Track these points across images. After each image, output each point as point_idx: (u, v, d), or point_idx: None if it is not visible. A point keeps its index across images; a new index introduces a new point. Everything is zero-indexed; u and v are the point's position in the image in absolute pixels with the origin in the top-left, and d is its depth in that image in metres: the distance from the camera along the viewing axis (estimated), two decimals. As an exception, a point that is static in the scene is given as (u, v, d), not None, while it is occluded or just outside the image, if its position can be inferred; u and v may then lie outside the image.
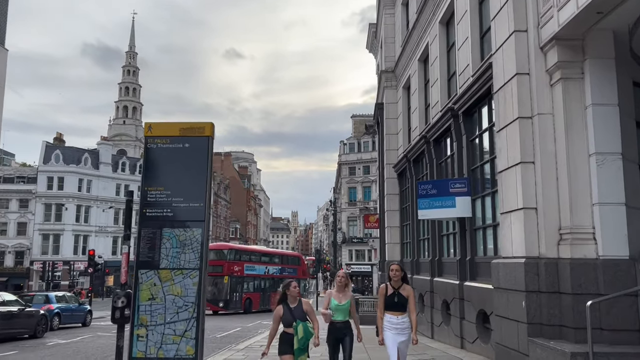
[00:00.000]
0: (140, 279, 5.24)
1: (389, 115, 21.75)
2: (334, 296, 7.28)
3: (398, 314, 6.86)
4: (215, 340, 16.87)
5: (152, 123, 5.58)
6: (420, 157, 17.08)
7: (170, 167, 5.44)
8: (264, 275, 36.25)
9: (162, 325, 5.14)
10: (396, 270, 6.94)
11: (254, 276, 35.13)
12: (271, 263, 38.31)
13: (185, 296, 5.19)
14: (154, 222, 5.33)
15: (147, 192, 5.38)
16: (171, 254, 5.24)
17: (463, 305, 12.04)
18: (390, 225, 20.97)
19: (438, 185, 12.34)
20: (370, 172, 65.93)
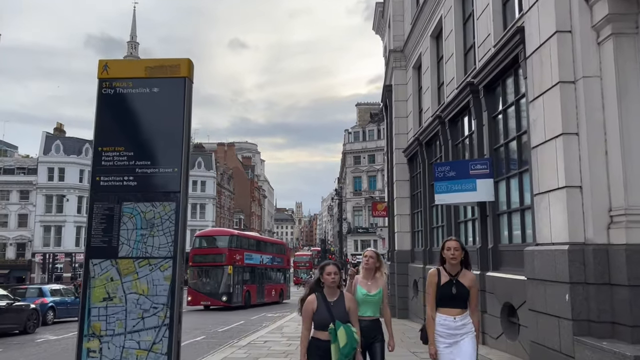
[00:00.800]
0: (92, 272, 3.85)
1: (398, 97, 20.62)
2: (361, 283, 5.48)
3: (456, 313, 4.76)
4: (216, 335, 15.93)
5: (108, 61, 4.19)
6: (434, 139, 15.98)
7: (134, 120, 4.08)
8: (259, 265, 32.80)
9: (121, 335, 3.72)
10: (455, 249, 4.81)
11: (252, 266, 31.68)
12: (265, 252, 34.79)
13: (153, 295, 3.77)
14: (110, 194, 3.95)
15: (102, 153, 4.02)
16: (134, 237, 3.87)
17: (485, 298, 11.01)
18: (400, 213, 19.93)
19: (457, 166, 11.26)
20: (376, 161, 64.86)
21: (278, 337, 13.70)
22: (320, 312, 4.65)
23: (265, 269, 33.90)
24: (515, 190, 10.04)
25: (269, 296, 33.42)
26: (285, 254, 39.66)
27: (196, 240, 30.98)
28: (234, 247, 29.51)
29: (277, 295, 35.06)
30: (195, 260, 29.19)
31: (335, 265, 4.66)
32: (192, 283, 28.55)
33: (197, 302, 28.18)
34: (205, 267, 28.89)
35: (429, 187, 16.60)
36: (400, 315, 19.47)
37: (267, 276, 34.09)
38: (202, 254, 29.45)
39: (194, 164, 71.18)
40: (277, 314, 24.88)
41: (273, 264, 35.30)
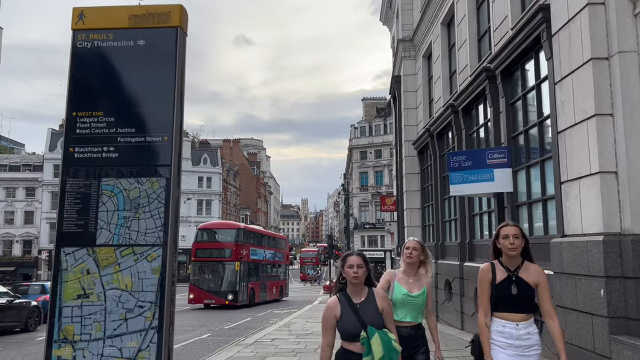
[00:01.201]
0: (64, 264, 3.19)
1: (407, 87, 20.05)
2: (401, 280, 4.45)
3: (519, 319, 3.71)
4: (222, 332, 15.49)
5: (85, 8, 3.48)
6: (446, 129, 15.42)
7: (115, 79, 3.36)
8: (262, 261, 30.84)
9: (99, 340, 3.02)
10: (514, 236, 3.75)
11: (257, 262, 29.73)
12: (268, 246, 32.81)
13: (139, 291, 3.09)
14: (87, 168, 3.25)
15: (77, 119, 3.32)
16: (116, 221, 3.18)
17: (502, 294, 10.51)
18: (410, 207, 19.40)
19: (473, 156, 10.69)
20: (382, 156, 64.26)
21: (286, 334, 13.23)
22: (345, 319, 3.58)
23: (268, 265, 32.15)
24: (536, 179, 9.50)
25: (270, 293, 31.76)
26: (285, 248, 37.82)
27: (199, 233, 29.02)
28: (240, 242, 27.54)
29: (277, 292, 33.53)
30: (198, 255, 27.41)
31: (359, 256, 3.61)
32: (195, 280, 26.92)
33: (200, 300, 26.38)
34: (209, 262, 27.03)
35: (441, 179, 16.07)
36: (410, 311, 18.97)
37: (269, 272, 32.30)
38: (206, 249, 27.58)
39: (200, 160, 70.83)
40: (284, 310, 24.45)
41: (275, 259, 33.61)
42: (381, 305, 3.63)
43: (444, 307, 15.26)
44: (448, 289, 14.89)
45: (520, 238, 3.80)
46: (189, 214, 62.92)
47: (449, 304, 14.57)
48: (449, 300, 14.61)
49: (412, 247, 4.56)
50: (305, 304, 28.33)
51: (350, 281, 3.60)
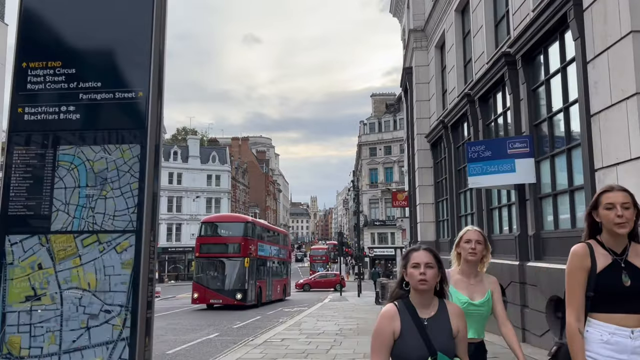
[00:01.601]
0: (9, 256, 2.45)
1: (419, 79, 19.47)
2: (458, 283, 3.41)
3: (635, 323, 2.55)
4: (231, 331, 15.03)
5: None
6: (461, 120, 14.84)
7: (76, 20, 2.63)
8: (268, 257, 28.32)
9: (53, 356, 2.32)
10: (623, 206, 2.59)
11: (264, 258, 27.25)
12: (274, 242, 30.40)
13: (105, 292, 2.39)
14: (40, 133, 2.56)
15: (28, 71, 2.60)
16: (76, 200, 2.49)
17: (525, 291, 9.95)
18: (423, 202, 18.84)
19: (493, 145, 10.15)
20: (392, 153, 63.58)
21: (296, 334, 12.74)
22: (407, 339, 2.50)
23: (274, 262, 29.95)
24: (562, 169, 8.92)
25: (275, 292, 29.41)
26: (287, 245, 35.50)
27: (204, 227, 26.67)
28: (249, 236, 25.16)
29: (281, 291, 31.27)
30: (203, 251, 25.11)
31: (429, 252, 2.62)
32: (199, 277, 24.71)
33: (206, 299, 24.13)
34: (215, 258, 24.81)
35: (456, 172, 15.51)
36: (424, 309, 18.42)
37: (274, 270, 29.87)
38: (212, 244, 25.39)
39: (208, 158, 70.54)
40: (295, 308, 23.99)
41: (279, 255, 31.35)
42: (456, 325, 2.57)
43: (460, 305, 14.70)
44: (464, 286, 14.33)
45: (632, 208, 2.60)
46: (198, 212, 62.59)
47: (466, 301, 14.01)
48: (466, 298, 14.05)
49: (475, 240, 3.37)
50: (316, 302, 27.84)
51: (416, 287, 2.55)
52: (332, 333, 12.84)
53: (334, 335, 12.48)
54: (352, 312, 19.58)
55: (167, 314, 21.75)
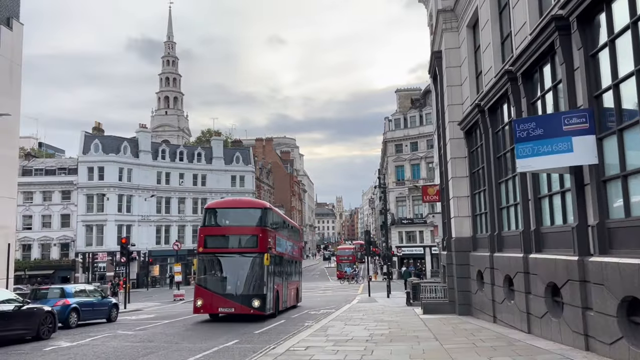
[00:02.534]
0: None
1: (450, 63, 18.05)
2: None
3: None
4: (252, 338, 13.90)
5: None
6: (500, 102, 13.40)
7: None
8: (284, 254, 23.30)
9: None
10: None
11: (281, 255, 22.38)
12: (289, 237, 25.19)
13: None
14: None
15: None
16: None
17: (585, 290, 8.53)
18: (457, 196, 17.42)
19: (545, 122, 8.74)
20: (419, 149, 61.91)
21: (322, 340, 11.52)
22: None
23: (290, 261, 24.88)
24: (634, 147, 7.48)
25: (289, 298, 24.43)
26: (300, 240, 31.03)
27: (210, 214, 20.79)
28: (268, 227, 20.09)
29: (294, 295, 26.18)
30: (209, 245, 19.67)
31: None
32: (203, 279, 19.40)
33: (213, 307, 18.98)
34: (226, 255, 19.45)
35: (495, 160, 14.08)
36: (461, 311, 17.00)
37: (289, 270, 24.73)
38: (221, 236, 20.11)
39: (232, 159, 70.05)
40: (321, 310, 22.78)
41: (293, 253, 25.98)
42: None
43: (503, 307, 13.28)
44: (508, 286, 12.91)
45: None
46: (223, 213, 62.15)
47: (510, 303, 12.59)
48: (510, 299, 12.63)
49: None
50: (343, 303, 26.59)
51: None
52: (362, 339, 11.57)
53: (364, 342, 11.21)
54: (382, 315, 18.28)
55: (185, 318, 20.80)
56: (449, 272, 18.17)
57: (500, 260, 13.37)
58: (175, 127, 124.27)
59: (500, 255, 13.42)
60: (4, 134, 23.66)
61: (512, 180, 12.83)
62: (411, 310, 19.81)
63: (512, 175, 12.75)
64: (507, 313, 12.99)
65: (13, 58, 24.54)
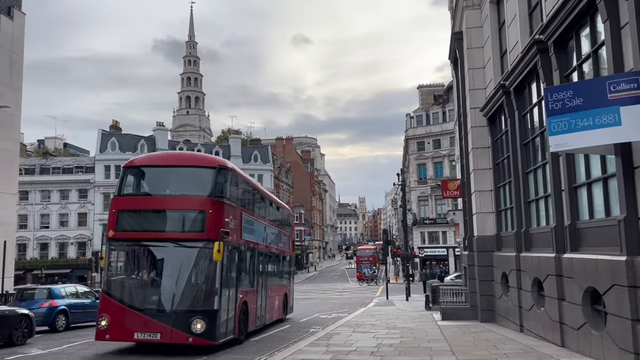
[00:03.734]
0: None
1: (472, 43, 16.36)
2: None
3: None
4: (245, 346, 12.45)
5: None
6: (528, 79, 11.70)
7: None
8: (260, 246, 16.11)
9: None
10: None
11: (252, 246, 15.05)
12: (270, 220, 17.98)
13: None
14: None
15: None
16: None
17: (637, 298, 6.85)
18: (479, 190, 15.72)
19: (585, 90, 7.08)
20: (442, 146, 59.82)
21: (321, 352, 10.02)
22: None
23: (270, 255, 17.63)
24: None
25: (271, 310, 17.38)
26: (290, 227, 22.28)
27: (128, 176, 13.11)
28: (225, 199, 12.51)
29: (280, 306, 19.06)
30: (125, 227, 12.19)
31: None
32: (112, 284, 12.04)
33: (126, 333, 11.54)
34: (151, 244, 12.07)
35: (522, 147, 12.39)
36: (483, 318, 15.30)
37: (269, 269, 17.46)
38: (144, 212, 12.46)
39: (250, 158, 69.08)
40: (333, 314, 21.27)
41: (278, 245, 18.93)
42: None
43: (531, 315, 11.58)
44: (537, 291, 11.21)
45: None
46: (240, 212, 61.19)
47: (540, 310, 10.89)
48: (540, 306, 10.93)
49: None
50: (358, 306, 25.04)
51: None
52: (366, 352, 10.03)
53: (368, 355, 9.68)
54: (396, 321, 16.68)
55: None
56: (471, 275, 16.47)
57: (527, 261, 11.68)
58: (196, 127, 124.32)
59: (528, 255, 11.73)
60: (3, 127, 22.79)
61: (542, 168, 11.14)
62: (429, 316, 18.16)
63: (542, 162, 11.06)
64: (535, 322, 11.29)
65: (13, 48, 23.69)
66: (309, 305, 27.21)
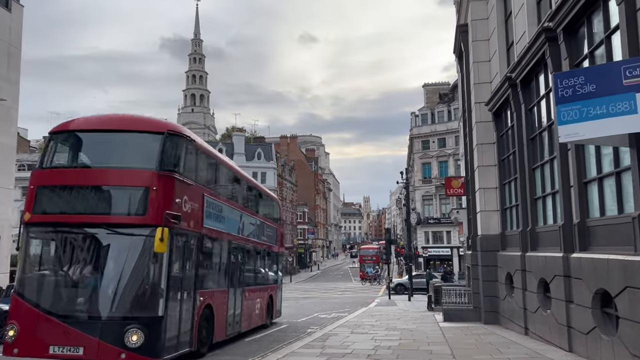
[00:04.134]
0: None
1: (478, 36, 15.82)
2: None
3: None
4: (237, 347, 11.98)
5: None
6: (536, 69, 11.16)
7: None
8: (236, 238, 13.61)
9: None
10: None
11: (221, 236, 12.41)
12: (247, 206, 15.15)
13: None
14: None
15: None
16: None
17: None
18: (484, 187, 15.19)
19: (598, 75, 6.56)
20: (447, 145, 59.12)
21: (314, 354, 9.55)
22: None
23: (247, 249, 14.69)
24: None
25: (249, 315, 14.69)
26: (279, 218, 19.74)
27: (56, 142, 10.30)
28: (175, 172, 9.83)
29: (263, 310, 16.29)
30: (45, 208, 9.56)
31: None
32: (26, 281, 9.48)
33: (40, 347, 8.76)
34: (76, 231, 9.35)
35: (528, 142, 11.86)
36: (487, 319, 14.77)
37: (249, 266, 15.03)
38: (70, 188, 9.66)
39: (253, 155, 68.68)
40: (332, 314, 20.78)
41: (261, 238, 16.14)
42: None
43: (536, 317, 11.05)
44: (543, 292, 10.69)
45: None
46: (243, 210, 60.77)
47: (546, 313, 10.37)
48: (546, 308, 10.40)
49: None
50: (360, 306, 24.54)
51: None
52: (363, 354, 9.54)
53: (364, 358, 9.20)
54: (397, 322, 16.17)
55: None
56: (474, 275, 15.95)
57: (533, 261, 11.15)
58: (201, 125, 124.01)
59: (534, 254, 11.20)
60: (0, 121, 22.42)
61: (549, 163, 10.61)
62: (431, 317, 17.63)
63: (550, 157, 10.53)
64: (541, 325, 10.77)
65: (11, 41, 23.31)
66: (309, 304, 26.73)
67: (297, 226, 79.22)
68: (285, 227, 73.76)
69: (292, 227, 75.75)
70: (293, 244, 74.99)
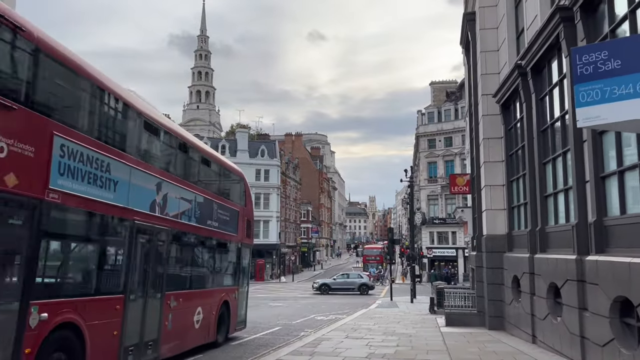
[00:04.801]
0: None
1: (485, 24, 14.93)
2: None
3: None
4: (227, 350, 11.14)
5: None
6: (549, 55, 10.25)
7: None
8: (145, 217, 8.75)
9: None
10: None
11: (96, 209, 7.34)
12: (177, 176, 10.24)
13: None
14: None
15: None
16: None
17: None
18: (490, 184, 14.31)
19: (623, 49, 5.65)
20: (453, 144, 58.08)
21: (301, 362, 8.68)
22: None
23: (175, 235, 10.03)
24: None
25: (180, 332, 10.12)
26: (244, 199, 14.73)
27: None
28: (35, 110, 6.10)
29: (211, 323, 11.79)
30: None
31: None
32: None
33: None
34: None
35: (539, 135, 10.95)
36: (491, 325, 13.88)
37: (179, 260, 10.51)
38: None
39: (257, 153, 67.87)
40: (330, 316, 19.92)
41: (207, 222, 11.65)
42: None
43: (545, 325, 10.15)
44: (553, 298, 9.79)
45: None
46: (246, 208, 59.97)
47: (556, 320, 9.47)
48: (557, 315, 9.51)
49: None
50: (360, 307, 23.66)
51: None
52: (355, 362, 8.69)
53: (354, 367, 8.34)
54: (396, 325, 15.31)
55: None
56: (479, 277, 15.05)
57: (543, 264, 10.26)
58: (206, 122, 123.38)
59: (544, 256, 10.31)
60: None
61: (562, 157, 9.71)
62: (433, 320, 16.74)
63: (563, 150, 9.64)
64: (551, 333, 9.88)
65: (2, 29, 22.56)
66: (307, 305, 25.87)
67: (300, 225, 78.39)
68: (288, 226, 73.14)
69: (295, 226, 74.95)
70: (296, 243, 74.21)
